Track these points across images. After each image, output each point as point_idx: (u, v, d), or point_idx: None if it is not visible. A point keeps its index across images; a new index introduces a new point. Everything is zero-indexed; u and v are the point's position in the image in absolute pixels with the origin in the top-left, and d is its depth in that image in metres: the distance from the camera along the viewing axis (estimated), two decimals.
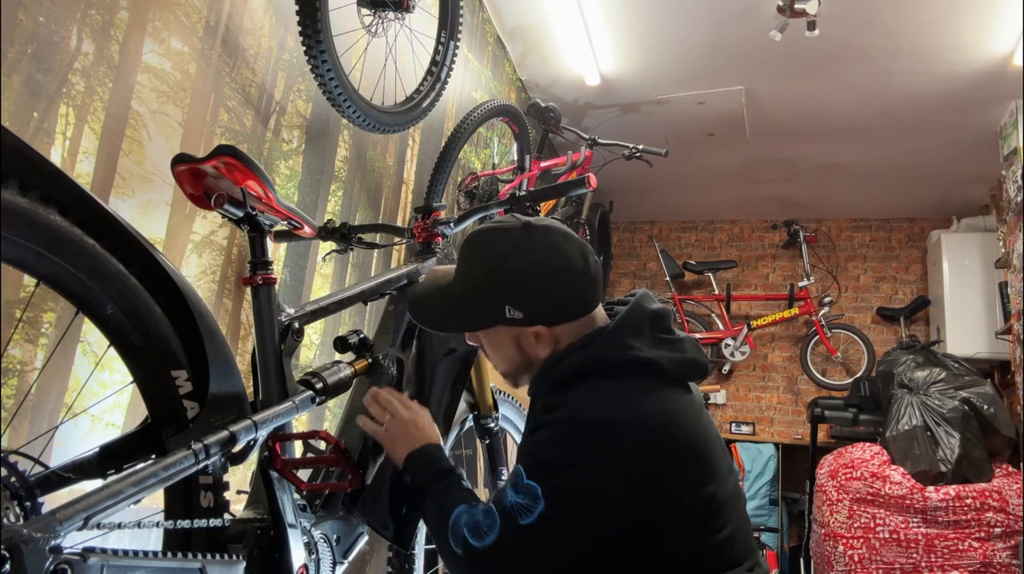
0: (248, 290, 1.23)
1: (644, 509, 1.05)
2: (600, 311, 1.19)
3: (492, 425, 1.71)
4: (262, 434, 1.06)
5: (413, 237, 1.60)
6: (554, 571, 1.09)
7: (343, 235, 1.60)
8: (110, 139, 1.45)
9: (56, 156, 1.34)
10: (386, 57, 2.16)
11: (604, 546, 1.07)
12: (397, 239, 1.84)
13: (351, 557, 1.29)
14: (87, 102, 1.40)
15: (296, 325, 1.23)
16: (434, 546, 1.68)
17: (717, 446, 1.14)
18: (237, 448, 1.02)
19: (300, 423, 1.99)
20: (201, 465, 0.94)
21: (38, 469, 0.93)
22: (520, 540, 1.03)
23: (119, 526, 0.87)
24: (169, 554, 0.92)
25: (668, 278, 5.66)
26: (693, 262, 5.72)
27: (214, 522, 1.01)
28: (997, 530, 3.39)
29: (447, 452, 1.56)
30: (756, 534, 4.65)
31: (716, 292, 5.59)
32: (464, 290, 1.17)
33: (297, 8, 1.66)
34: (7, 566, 0.69)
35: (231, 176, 1.12)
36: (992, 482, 3.48)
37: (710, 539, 1.07)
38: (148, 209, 1.55)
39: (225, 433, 0.98)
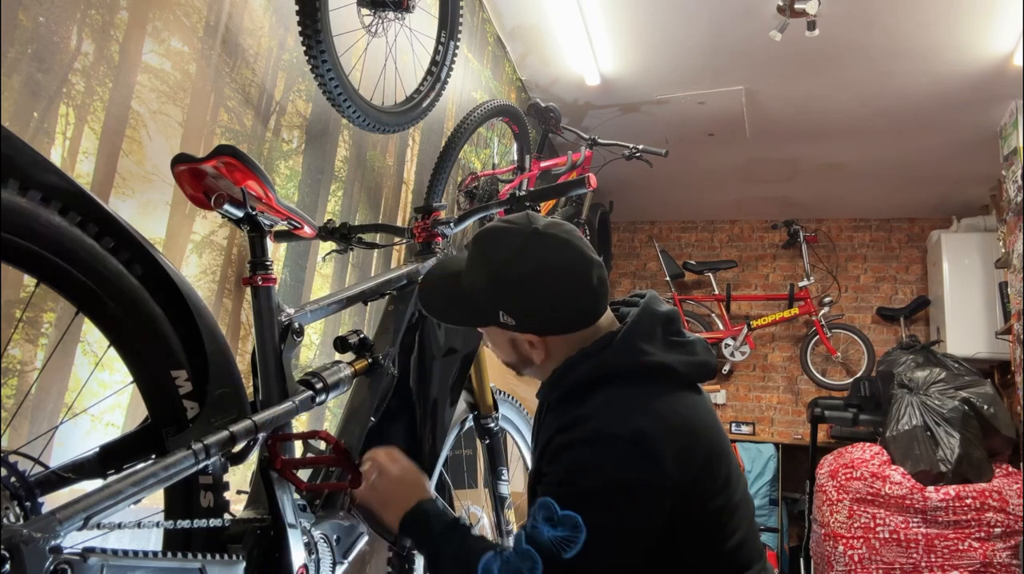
0: (248, 290, 1.23)
1: (673, 517, 1.03)
2: (607, 315, 1.17)
3: (492, 425, 1.71)
4: (262, 434, 1.06)
5: (413, 237, 1.60)
6: None
7: (343, 235, 1.60)
8: (110, 139, 1.45)
9: (56, 156, 1.34)
10: (386, 57, 2.16)
11: None
12: (397, 239, 1.84)
13: (351, 557, 1.29)
14: (87, 102, 1.40)
15: (296, 325, 1.22)
16: None
17: (729, 448, 1.14)
18: (237, 448, 1.02)
19: (300, 423, 1.99)
20: (201, 465, 0.94)
21: (38, 469, 0.93)
22: None
23: (119, 526, 0.87)
24: (169, 554, 0.91)
25: (668, 278, 5.66)
26: (693, 262, 5.73)
27: (214, 522, 1.01)
28: (997, 530, 3.39)
29: (446, 452, 1.56)
30: None
31: (716, 292, 5.60)
32: (467, 287, 1.16)
33: (297, 8, 1.66)
34: (7, 566, 0.69)
35: (231, 176, 1.12)
36: (992, 482, 3.48)
37: (724, 544, 1.07)
38: (148, 209, 1.55)
39: (225, 433, 0.98)
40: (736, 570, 1.08)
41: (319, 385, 1.22)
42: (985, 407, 3.60)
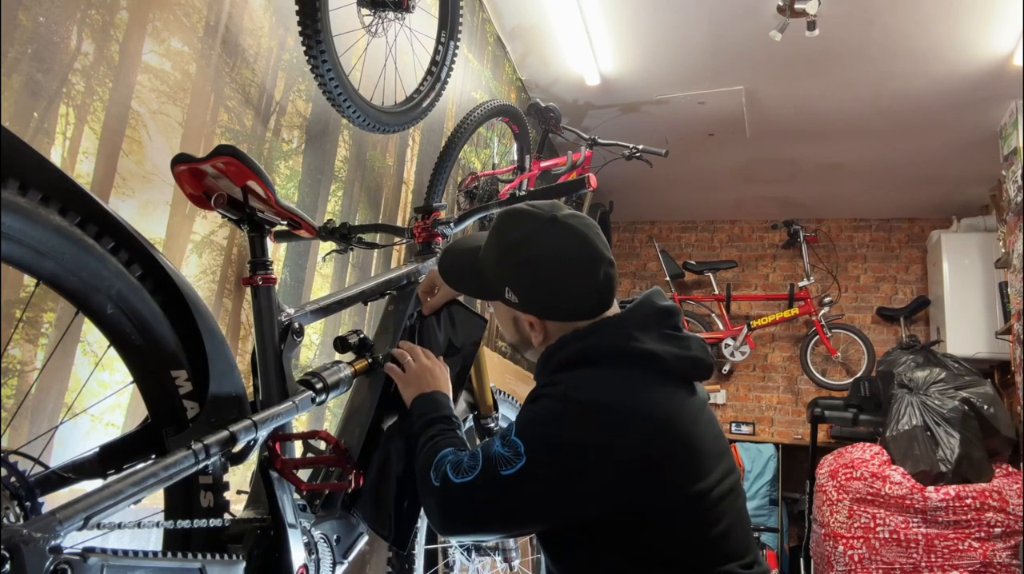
0: (248, 290, 1.23)
1: (629, 497, 1.06)
2: (614, 309, 1.21)
3: (492, 425, 1.70)
4: (262, 434, 1.06)
5: (413, 237, 1.60)
6: (517, 528, 1.17)
7: (343, 235, 1.60)
8: (110, 139, 1.45)
9: (56, 156, 1.34)
10: (386, 57, 2.17)
11: (586, 527, 1.08)
12: (397, 239, 1.84)
13: (351, 557, 1.29)
14: (87, 102, 1.41)
15: (296, 325, 1.22)
16: (434, 546, 1.68)
17: (715, 446, 1.13)
18: (237, 448, 1.02)
19: (300, 423, 1.99)
20: (201, 465, 0.94)
21: (38, 469, 0.93)
22: (494, 487, 1.07)
23: (119, 526, 0.87)
24: (169, 554, 0.91)
25: (668, 278, 5.66)
26: (693, 262, 5.73)
27: (214, 522, 1.01)
28: (997, 530, 3.39)
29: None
30: (756, 534, 4.65)
31: (716, 292, 5.60)
32: (483, 261, 1.24)
33: (297, 8, 1.66)
34: (7, 566, 0.68)
35: (231, 176, 1.12)
36: (992, 482, 3.48)
37: (702, 533, 1.07)
38: (148, 209, 1.55)
39: (225, 433, 0.98)
40: (722, 559, 1.08)
41: (319, 385, 1.22)
42: (985, 407, 3.60)
